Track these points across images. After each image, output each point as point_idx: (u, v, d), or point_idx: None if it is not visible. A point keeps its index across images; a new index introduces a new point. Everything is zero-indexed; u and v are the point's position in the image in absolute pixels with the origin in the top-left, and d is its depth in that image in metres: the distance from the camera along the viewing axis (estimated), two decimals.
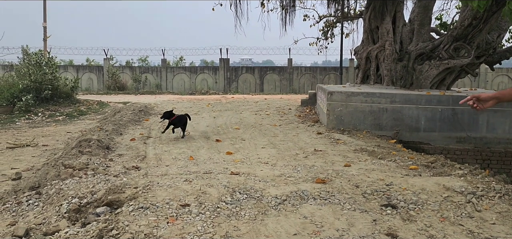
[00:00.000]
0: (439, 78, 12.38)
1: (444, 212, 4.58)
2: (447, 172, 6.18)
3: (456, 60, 11.95)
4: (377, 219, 4.40)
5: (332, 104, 10.67)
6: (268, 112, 14.59)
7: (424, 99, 10.36)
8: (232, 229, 4.11)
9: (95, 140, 8.27)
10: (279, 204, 4.79)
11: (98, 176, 5.89)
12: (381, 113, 10.44)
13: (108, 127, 10.54)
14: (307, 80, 30.39)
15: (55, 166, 6.74)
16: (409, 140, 10.31)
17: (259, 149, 8.41)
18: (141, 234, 3.95)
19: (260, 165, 6.88)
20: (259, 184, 5.45)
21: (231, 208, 4.61)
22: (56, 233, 4.37)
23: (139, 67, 33.12)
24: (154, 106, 16.61)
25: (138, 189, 5.10)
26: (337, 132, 10.21)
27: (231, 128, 11.29)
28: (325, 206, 4.74)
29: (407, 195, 5.05)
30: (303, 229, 4.13)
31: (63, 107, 16.78)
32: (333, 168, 6.55)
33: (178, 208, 4.55)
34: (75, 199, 5.05)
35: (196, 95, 25.81)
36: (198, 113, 14.46)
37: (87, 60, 35.94)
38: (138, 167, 6.71)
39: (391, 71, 12.44)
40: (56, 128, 12.75)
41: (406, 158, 7.39)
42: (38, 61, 17.02)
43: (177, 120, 9.48)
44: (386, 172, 6.33)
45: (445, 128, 10.36)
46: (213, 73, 31.52)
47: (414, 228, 4.22)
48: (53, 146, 9.85)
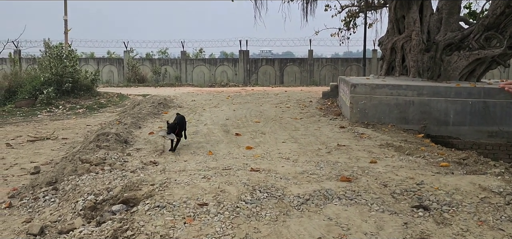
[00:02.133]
0: (469, 70, 11.83)
1: (482, 215, 4.23)
2: (482, 170, 5.79)
3: (487, 51, 11.39)
4: (408, 222, 4.09)
5: (355, 97, 10.29)
6: (288, 105, 14.29)
7: (453, 92, 9.89)
8: (252, 231, 3.87)
9: (113, 133, 8.14)
10: (301, 204, 4.52)
11: (115, 172, 5.74)
12: (408, 107, 10.02)
13: (127, 120, 10.43)
14: (328, 72, 29.87)
15: (72, 160, 6.62)
16: (437, 134, 9.87)
17: (280, 143, 8.14)
18: (157, 236, 3.75)
19: (281, 160, 6.61)
20: (280, 182, 5.19)
21: (251, 207, 4.37)
22: (70, 232, 4.22)
23: (158, 59, 33.15)
24: (173, 99, 16.49)
25: (155, 186, 4.92)
26: (361, 125, 9.84)
27: (251, 121, 11.04)
28: (351, 207, 4.45)
29: (440, 195, 4.71)
30: (328, 232, 3.86)
31: (84, 100, 16.84)
32: (358, 165, 6.23)
33: (196, 207, 4.34)
34: (91, 196, 4.90)
35: (215, 87, 25.66)
36: (217, 106, 14.26)
37: (108, 52, 36.22)
38: (156, 162, 6.54)
39: (417, 62, 11.96)
40: (76, 121, 12.75)
41: (435, 154, 7.00)
42: (59, 54, 17.09)
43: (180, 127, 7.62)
44: (415, 169, 5.97)
45: (475, 122, 9.87)
46: (233, 65, 31.30)
47: (449, 232, 3.89)
48: (72, 139, 9.80)
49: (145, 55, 34.61)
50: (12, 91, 16.37)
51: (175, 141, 7.50)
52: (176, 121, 7.59)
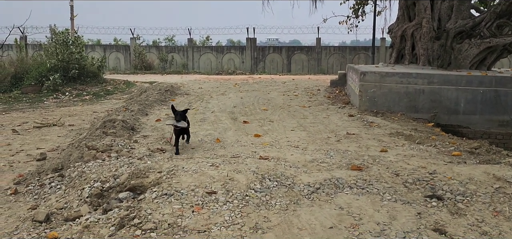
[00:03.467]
0: (479, 58, 11.60)
1: (497, 206, 4.12)
2: (495, 160, 5.66)
3: (499, 39, 11.15)
4: (421, 212, 3.98)
5: (365, 85, 10.14)
6: (296, 93, 14.14)
7: (464, 80, 9.70)
8: (262, 220, 3.78)
9: (120, 120, 8.07)
10: (312, 192, 4.43)
11: (121, 159, 5.67)
12: (418, 95, 9.85)
13: (133, 107, 10.36)
14: (336, 61, 29.58)
15: (78, 147, 6.56)
16: (447, 123, 9.71)
17: (288, 131, 8.04)
18: (165, 224, 3.67)
19: (290, 148, 6.51)
20: (290, 170, 5.09)
21: (261, 196, 4.28)
22: (77, 219, 4.18)
23: (165, 46, 33.00)
24: (180, 86, 16.40)
25: (162, 173, 4.84)
26: (370, 114, 9.70)
27: (259, 108, 10.93)
28: (363, 196, 4.35)
29: (453, 185, 4.59)
30: (340, 222, 3.76)
31: (90, 86, 16.79)
32: (368, 154, 6.12)
33: (204, 195, 4.26)
34: (97, 183, 4.83)
35: (222, 75, 25.53)
36: (225, 94, 14.16)
37: (115, 39, 36.08)
38: (163, 149, 6.47)
39: (427, 50, 11.74)
40: (82, 107, 12.71)
41: (447, 143, 6.87)
42: (65, 40, 17.01)
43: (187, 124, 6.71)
44: (427, 158, 5.85)
45: (486, 111, 9.69)
46: (240, 53, 31.08)
47: (464, 223, 3.78)
48: (79, 125, 9.76)
49: (152, 43, 34.47)
50: (18, 77, 16.34)
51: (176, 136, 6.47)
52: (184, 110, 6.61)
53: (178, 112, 6.42)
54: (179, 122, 6.32)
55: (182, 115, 6.44)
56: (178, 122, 6.30)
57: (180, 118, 6.34)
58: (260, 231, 3.59)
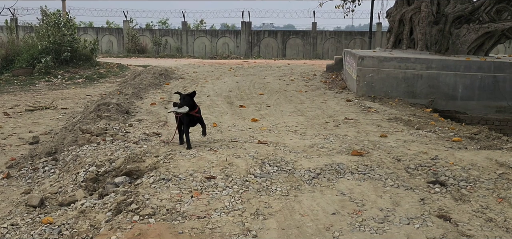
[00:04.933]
0: (477, 44, 11.51)
1: (501, 192, 4.06)
2: (497, 146, 5.60)
3: (498, 24, 11.05)
4: (425, 198, 3.91)
5: (362, 70, 10.03)
6: (292, 78, 14.01)
7: (462, 66, 9.62)
8: (263, 206, 3.69)
9: (114, 103, 7.91)
10: (313, 178, 4.34)
11: (116, 143, 5.54)
12: (416, 80, 9.77)
13: (127, 90, 10.19)
14: (332, 45, 29.40)
15: (72, 131, 6.42)
16: (444, 108, 9.65)
17: (286, 116, 7.93)
18: (163, 209, 3.57)
19: (288, 133, 6.41)
20: (290, 155, 5.00)
21: (261, 181, 4.19)
22: (72, 204, 4.06)
23: (159, 30, 32.60)
24: (174, 70, 16.19)
25: (159, 158, 4.72)
26: (367, 99, 9.61)
27: (255, 93, 10.79)
28: (365, 182, 4.27)
29: (456, 170, 4.52)
30: (342, 208, 3.68)
31: (83, 69, 16.51)
32: (368, 139, 6.03)
33: (203, 180, 4.15)
34: (93, 167, 4.71)
35: (217, 59, 25.28)
36: (220, 78, 13.99)
37: (107, 22, 35.64)
38: (159, 133, 6.34)
39: (425, 35, 11.63)
40: (75, 91, 12.49)
41: (446, 129, 6.80)
42: (57, 22, 16.67)
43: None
44: (427, 144, 5.78)
45: (484, 97, 9.64)
46: (235, 37, 30.78)
47: (469, 209, 3.72)
48: (72, 109, 9.57)
49: (145, 26, 34.07)
50: (9, 59, 16.02)
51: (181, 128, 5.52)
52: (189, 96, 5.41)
53: (182, 95, 5.31)
54: (181, 107, 5.21)
55: (187, 99, 5.28)
56: (180, 107, 5.21)
57: (183, 102, 5.22)
58: (262, 217, 3.50)
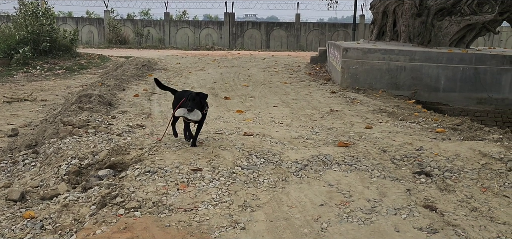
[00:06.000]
0: (459, 36, 11.67)
1: (485, 181, 4.12)
2: (479, 136, 5.68)
3: (479, 16, 11.22)
4: (411, 189, 3.94)
5: (347, 61, 10.05)
6: (276, 70, 13.98)
7: (445, 58, 9.74)
8: (250, 198, 3.66)
9: (97, 95, 7.76)
10: (300, 169, 4.33)
11: (99, 135, 5.42)
12: (399, 72, 9.85)
13: (110, 82, 10.00)
14: (315, 37, 29.43)
15: (53, 123, 6.26)
16: (427, 100, 9.77)
17: (271, 107, 7.90)
18: (149, 202, 3.51)
19: (274, 125, 6.38)
20: (277, 147, 4.97)
21: (248, 173, 4.15)
22: (54, 197, 3.97)
23: (141, 20, 32.08)
24: (157, 61, 15.98)
25: (144, 150, 4.64)
26: (352, 91, 9.66)
27: (240, 84, 10.73)
28: (351, 173, 4.28)
29: (441, 161, 4.57)
30: (330, 199, 3.68)
31: (63, 60, 16.14)
32: (353, 130, 6.05)
33: (189, 173, 4.09)
34: (75, 160, 4.60)
35: (200, 50, 25.05)
36: (203, 69, 13.87)
37: (87, 12, 34.86)
38: (143, 125, 6.23)
39: (409, 27, 11.72)
40: (55, 82, 12.21)
41: (430, 120, 6.88)
42: (35, 11, 16.23)
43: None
44: (412, 135, 5.83)
45: (465, 88, 9.79)
46: (218, 28, 30.54)
47: (454, 199, 3.76)
48: (52, 100, 9.35)
49: (126, 16, 33.48)
50: None
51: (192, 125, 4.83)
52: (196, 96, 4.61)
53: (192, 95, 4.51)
54: (192, 112, 4.47)
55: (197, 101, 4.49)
56: (190, 111, 4.46)
57: (193, 105, 4.43)
58: (249, 209, 3.47)
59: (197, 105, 4.49)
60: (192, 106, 4.47)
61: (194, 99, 4.48)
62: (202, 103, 4.59)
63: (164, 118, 6.78)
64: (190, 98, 4.48)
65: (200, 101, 4.56)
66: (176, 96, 5.00)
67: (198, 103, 4.52)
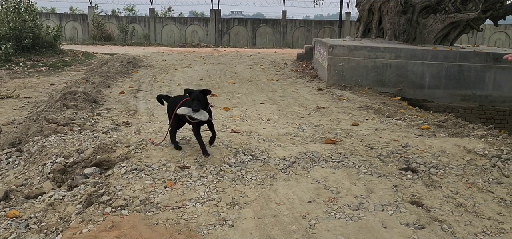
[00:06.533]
0: (444, 33, 11.83)
1: (470, 177, 4.18)
2: (464, 133, 5.76)
3: (463, 14, 11.38)
4: (397, 185, 3.98)
5: (333, 59, 10.10)
6: (263, 67, 13.98)
7: (430, 55, 9.85)
8: (238, 195, 3.66)
9: (81, 92, 7.65)
10: (288, 166, 4.33)
11: (85, 133, 5.34)
12: (385, 69, 9.93)
13: (95, 79, 9.87)
14: (301, 34, 29.49)
15: (37, 120, 6.16)
16: (412, 97, 9.88)
17: (258, 104, 7.90)
18: (136, 200, 3.47)
19: (261, 122, 6.38)
20: (264, 144, 4.97)
21: (236, 171, 4.15)
22: (39, 196, 3.90)
23: (125, 17, 31.73)
24: (143, 58, 15.84)
25: (130, 148, 4.59)
26: (338, 88, 9.71)
27: (226, 82, 10.70)
28: (339, 170, 4.30)
29: (426, 157, 4.63)
30: (318, 196, 3.69)
31: (46, 57, 15.89)
32: (340, 127, 6.08)
33: (177, 170, 4.07)
34: (60, 158, 4.53)
35: (186, 47, 24.91)
36: (190, 66, 13.79)
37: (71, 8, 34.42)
38: (129, 122, 6.17)
39: (394, 24, 11.83)
40: (39, 79, 12.01)
41: (415, 117, 6.95)
42: (17, 7, 15.93)
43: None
44: (398, 131, 5.89)
45: (450, 85, 9.92)
46: (204, 25, 30.38)
47: (440, 195, 3.81)
48: (35, 98, 9.19)
49: (111, 12, 33.09)
50: None
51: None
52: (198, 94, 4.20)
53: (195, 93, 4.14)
54: (197, 111, 4.09)
55: (200, 98, 4.14)
56: (196, 111, 4.07)
57: (198, 104, 4.07)
58: (238, 207, 3.46)
59: (201, 105, 4.12)
60: (198, 106, 4.06)
61: (199, 99, 4.09)
62: (205, 101, 4.25)
63: (150, 116, 6.72)
64: (195, 97, 4.08)
65: (205, 100, 4.23)
66: (169, 102, 4.72)
67: (202, 101, 4.15)
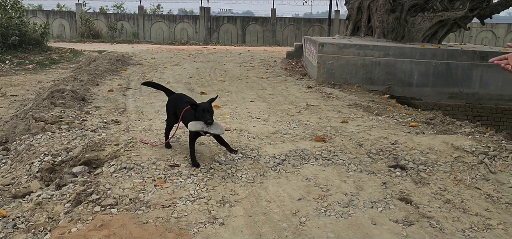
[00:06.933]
0: (431, 32, 11.94)
1: (457, 174, 4.23)
2: (452, 130, 5.83)
3: (450, 13, 11.50)
4: (387, 182, 4.02)
5: (323, 57, 10.13)
6: (253, 64, 13.98)
7: (418, 53, 9.94)
8: (229, 193, 3.65)
9: (69, 90, 7.57)
10: (278, 164, 4.34)
11: (73, 131, 5.30)
12: (374, 67, 9.99)
13: (83, 76, 9.78)
14: (291, 32, 29.55)
15: (24, 119, 6.08)
16: (401, 95, 9.95)
17: (248, 102, 7.89)
18: (126, 199, 3.45)
19: (251, 120, 6.38)
20: (254, 142, 4.97)
21: (226, 169, 4.14)
22: (27, 195, 3.85)
23: (114, 14, 31.47)
24: (132, 56, 15.73)
25: (119, 146, 4.56)
26: (327, 85, 9.75)
27: (216, 79, 10.68)
28: (329, 167, 4.32)
29: (415, 155, 4.68)
30: (308, 193, 3.71)
31: (33, 55, 15.68)
32: (330, 125, 6.11)
33: (167, 168, 4.05)
34: (48, 157, 4.48)
35: (175, 45, 24.79)
36: (179, 64, 13.73)
37: (58, 5, 33.99)
38: (118, 121, 6.12)
39: (383, 23, 11.91)
40: (26, 77, 11.85)
41: (404, 114, 7.02)
42: (3, 4, 15.70)
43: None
44: (386, 129, 5.93)
45: (438, 83, 10.02)
46: (193, 22, 30.26)
47: (428, 192, 3.85)
48: (22, 96, 9.07)
49: (99, 10, 32.79)
50: None
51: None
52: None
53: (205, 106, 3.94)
54: (211, 124, 3.91)
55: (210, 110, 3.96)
56: (209, 124, 3.89)
57: (211, 116, 3.92)
58: (228, 205, 3.46)
59: (212, 116, 3.95)
60: (212, 119, 3.89)
61: (210, 110, 3.94)
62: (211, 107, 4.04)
63: (139, 114, 6.68)
64: (206, 109, 3.91)
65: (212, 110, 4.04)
66: (171, 98, 4.61)
67: (212, 112, 3.99)
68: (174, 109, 4.46)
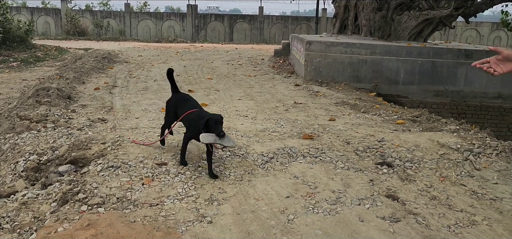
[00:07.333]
0: (417, 30, 12.07)
1: (443, 171, 4.29)
2: (437, 128, 5.91)
3: (436, 11, 11.63)
4: (374, 179, 4.05)
5: (310, 55, 10.17)
6: (240, 62, 13.96)
7: (404, 51, 10.04)
8: (217, 192, 3.65)
9: (55, 88, 7.47)
10: (266, 162, 4.35)
11: (59, 130, 5.23)
12: (360, 65, 10.06)
13: (68, 74, 9.65)
14: (278, 30, 29.58)
15: (8, 117, 5.98)
16: (387, 93, 10.05)
17: (236, 100, 7.89)
18: (113, 198, 3.42)
19: (239, 118, 6.38)
20: (242, 140, 4.98)
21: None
22: (12, 195, 3.79)
23: (100, 11, 31.14)
24: (118, 54, 15.58)
25: (106, 145, 4.52)
26: (315, 83, 9.78)
27: (203, 77, 10.64)
28: (316, 165, 4.35)
29: (401, 152, 4.73)
30: (296, 191, 3.72)
31: (17, 52, 15.44)
32: (317, 122, 6.14)
33: (154, 167, 4.03)
34: (34, 156, 4.42)
35: (162, 43, 24.63)
36: (166, 62, 13.65)
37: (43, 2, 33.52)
38: (105, 119, 6.06)
39: (369, 21, 12.00)
40: (10, 75, 11.66)
41: (390, 112, 7.08)
42: None
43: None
44: (373, 126, 5.98)
45: (423, 81, 10.14)
46: (181, 20, 30.09)
47: (415, 188, 3.90)
48: (7, 94, 8.93)
49: (85, 7, 32.39)
50: None
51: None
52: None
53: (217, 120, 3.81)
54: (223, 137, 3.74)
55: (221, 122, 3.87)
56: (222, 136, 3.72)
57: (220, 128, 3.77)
58: (216, 203, 3.45)
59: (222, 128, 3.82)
60: (223, 131, 3.75)
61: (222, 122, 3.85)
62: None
63: (126, 112, 6.62)
64: (218, 121, 3.80)
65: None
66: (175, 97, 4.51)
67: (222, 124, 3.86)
68: (176, 109, 4.34)
